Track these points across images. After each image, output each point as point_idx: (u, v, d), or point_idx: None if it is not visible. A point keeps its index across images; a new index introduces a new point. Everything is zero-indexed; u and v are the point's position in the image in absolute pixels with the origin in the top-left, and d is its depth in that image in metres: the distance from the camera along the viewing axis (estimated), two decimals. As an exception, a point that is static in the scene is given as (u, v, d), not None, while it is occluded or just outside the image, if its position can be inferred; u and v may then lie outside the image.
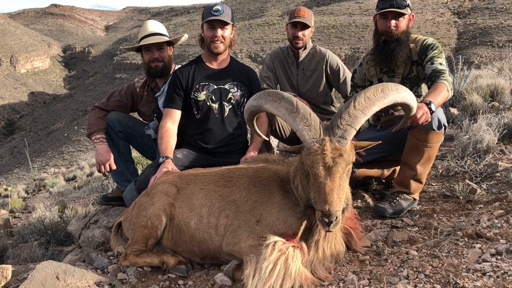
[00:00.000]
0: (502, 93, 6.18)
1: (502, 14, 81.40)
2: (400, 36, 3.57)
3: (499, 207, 3.05)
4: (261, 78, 4.78)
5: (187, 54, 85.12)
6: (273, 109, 2.60)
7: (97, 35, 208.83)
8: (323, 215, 2.34)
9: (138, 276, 3.01)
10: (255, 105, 2.74)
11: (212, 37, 3.77)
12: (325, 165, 2.39)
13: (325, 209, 2.32)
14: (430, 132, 3.24)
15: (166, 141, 3.68)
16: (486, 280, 2.22)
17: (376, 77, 3.81)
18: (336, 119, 2.47)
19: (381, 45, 3.64)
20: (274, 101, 2.60)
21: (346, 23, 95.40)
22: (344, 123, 2.44)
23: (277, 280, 2.44)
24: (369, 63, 3.85)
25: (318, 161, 2.40)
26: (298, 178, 2.72)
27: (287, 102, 2.54)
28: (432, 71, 3.44)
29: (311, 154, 2.42)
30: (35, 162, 54.80)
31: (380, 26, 3.66)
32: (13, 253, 4.24)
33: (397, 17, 3.56)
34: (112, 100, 4.40)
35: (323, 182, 2.38)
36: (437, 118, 3.21)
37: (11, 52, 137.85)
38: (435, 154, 3.43)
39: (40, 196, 10.43)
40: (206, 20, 3.72)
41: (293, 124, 2.50)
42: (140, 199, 3.21)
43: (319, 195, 2.38)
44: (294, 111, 2.50)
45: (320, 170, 2.39)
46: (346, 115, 2.45)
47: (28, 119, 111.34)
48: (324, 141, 2.42)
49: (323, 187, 2.37)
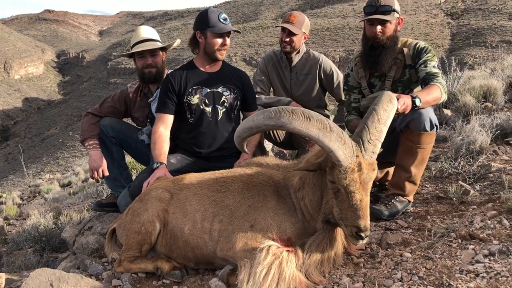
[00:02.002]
0: (495, 93, 6.21)
1: (495, 14, 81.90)
2: (386, 42, 3.56)
3: (492, 208, 3.06)
4: (254, 81, 4.78)
5: (181, 58, 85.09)
6: (302, 129, 2.37)
7: (91, 40, 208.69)
8: (359, 230, 2.38)
9: (133, 282, 3.01)
10: (272, 124, 2.43)
11: (221, 45, 3.75)
12: (361, 182, 2.41)
13: (361, 224, 2.37)
14: (423, 134, 3.25)
15: (159, 147, 3.67)
16: (479, 281, 2.22)
17: (365, 79, 3.82)
18: (365, 134, 2.49)
19: (368, 51, 3.65)
20: (302, 121, 2.37)
21: (340, 26, 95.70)
22: (374, 138, 2.49)
23: (271, 284, 2.44)
24: (358, 65, 3.86)
25: (356, 179, 2.40)
26: (305, 191, 2.73)
27: (318, 122, 2.38)
28: (426, 74, 3.46)
29: (348, 173, 2.39)
30: (30, 168, 54.64)
31: (367, 32, 3.67)
32: (7, 261, 4.23)
33: (383, 23, 3.55)
34: (105, 106, 4.39)
35: (359, 199, 2.41)
36: (429, 119, 3.22)
37: (4, 58, 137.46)
38: (429, 155, 3.45)
39: (35, 202, 10.40)
40: (216, 29, 3.68)
41: (327, 144, 2.35)
42: (134, 205, 3.21)
43: (355, 212, 2.40)
44: (329, 131, 2.37)
45: (358, 188, 2.41)
46: (373, 130, 2.50)
47: (22, 125, 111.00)
48: (358, 158, 2.42)
49: (360, 204, 2.40)
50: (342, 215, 2.48)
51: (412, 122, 3.26)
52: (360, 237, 2.40)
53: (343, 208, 2.47)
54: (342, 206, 2.47)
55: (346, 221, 2.45)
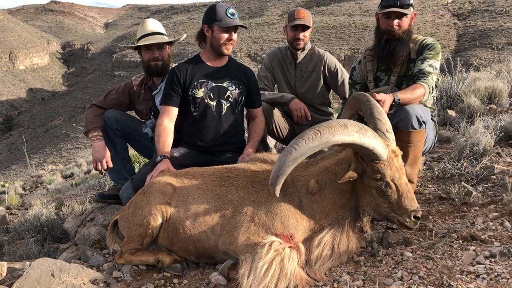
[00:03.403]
0: (500, 95, 6.20)
1: (502, 16, 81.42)
2: (402, 35, 3.58)
3: (494, 210, 3.06)
4: (259, 77, 4.78)
5: (186, 52, 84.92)
6: (345, 137, 2.43)
7: (96, 32, 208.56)
8: (416, 213, 2.54)
9: (134, 274, 3.02)
10: (317, 144, 2.43)
11: (227, 39, 3.75)
12: (400, 167, 2.59)
13: (415, 206, 2.54)
14: (411, 132, 3.27)
15: (163, 140, 3.67)
16: (479, 282, 2.22)
17: (372, 72, 3.83)
18: (381, 125, 2.68)
19: (383, 44, 3.66)
20: (342, 130, 2.42)
21: (346, 24, 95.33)
22: (388, 127, 2.69)
23: (272, 280, 2.44)
24: (367, 57, 3.87)
25: (398, 166, 2.58)
26: (325, 195, 2.76)
27: (354, 125, 2.46)
28: (419, 70, 3.48)
29: (390, 164, 2.55)
30: (33, 159, 54.76)
31: (382, 25, 3.67)
32: (9, 250, 4.25)
33: (400, 16, 3.56)
34: (109, 98, 4.40)
35: (406, 183, 2.59)
36: (415, 116, 3.24)
37: (10, 48, 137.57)
38: (421, 153, 3.47)
39: (37, 193, 10.44)
40: (222, 23, 3.68)
41: (369, 144, 2.46)
42: (137, 198, 3.22)
43: (407, 197, 2.56)
44: (364, 131, 2.47)
45: (401, 173, 2.60)
46: (384, 120, 2.70)
47: (26, 115, 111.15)
48: (390, 148, 2.58)
49: (408, 188, 2.58)
50: (394, 207, 2.60)
51: (399, 123, 3.29)
52: (418, 219, 2.57)
53: (393, 200, 2.58)
54: (392, 199, 2.59)
55: (401, 211, 2.57)
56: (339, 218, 2.73)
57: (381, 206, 2.64)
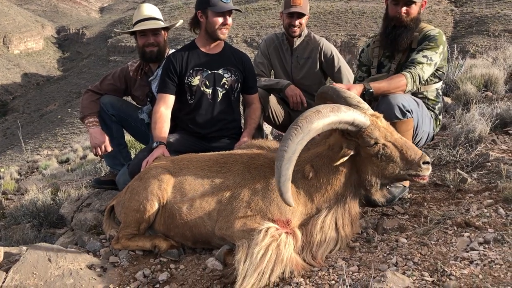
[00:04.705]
0: (496, 83, 6.20)
1: (499, 3, 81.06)
2: (409, 23, 3.55)
3: (488, 197, 3.08)
4: (255, 64, 4.76)
5: (182, 37, 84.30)
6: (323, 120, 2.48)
7: (91, 17, 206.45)
8: (424, 158, 2.60)
9: (130, 260, 3.03)
10: (301, 138, 2.45)
11: (222, 24, 3.72)
12: (387, 126, 2.71)
13: (420, 153, 2.61)
14: (396, 123, 3.17)
15: (159, 126, 3.67)
16: (473, 268, 2.25)
17: (377, 58, 3.82)
18: (349, 99, 2.74)
19: (389, 30, 3.64)
20: (318, 115, 2.48)
21: (342, 10, 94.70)
22: (358, 100, 2.76)
23: (268, 265, 2.46)
24: (375, 43, 3.86)
25: (385, 126, 2.68)
26: (322, 179, 2.77)
27: (326, 107, 2.52)
28: (410, 60, 3.45)
29: (377, 125, 2.65)
30: (28, 144, 54.48)
31: (390, 11, 3.64)
32: (5, 235, 4.26)
33: (409, 4, 3.53)
34: (105, 84, 4.38)
35: (400, 137, 2.69)
36: (397, 106, 3.18)
37: (4, 33, 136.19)
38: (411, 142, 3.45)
39: (33, 178, 10.42)
40: (216, 8, 3.65)
41: (346, 116, 2.53)
42: (133, 183, 3.22)
43: (409, 147, 2.64)
44: (337, 107, 2.54)
45: (392, 131, 2.69)
46: (352, 95, 2.78)
47: (21, 100, 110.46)
48: (367, 113, 2.67)
49: (405, 140, 2.68)
50: (400, 164, 2.64)
51: (384, 114, 3.27)
52: (428, 163, 2.62)
53: (397, 157, 2.64)
54: (395, 157, 2.64)
55: (408, 164, 2.62)
56: (339, 198, 2.74)
57: (388, 169, 2.66)
